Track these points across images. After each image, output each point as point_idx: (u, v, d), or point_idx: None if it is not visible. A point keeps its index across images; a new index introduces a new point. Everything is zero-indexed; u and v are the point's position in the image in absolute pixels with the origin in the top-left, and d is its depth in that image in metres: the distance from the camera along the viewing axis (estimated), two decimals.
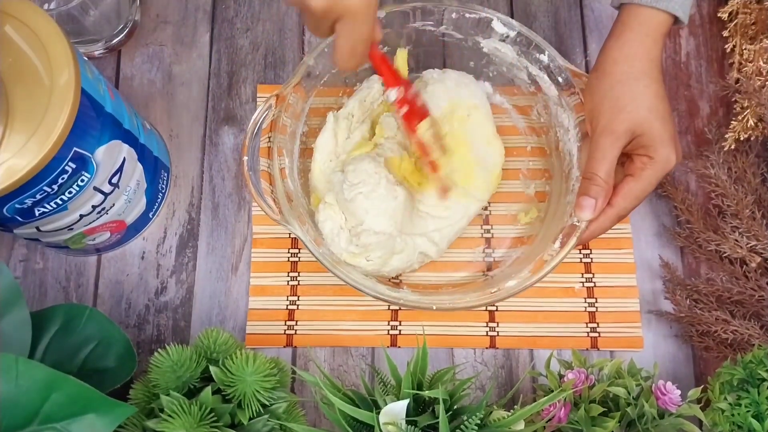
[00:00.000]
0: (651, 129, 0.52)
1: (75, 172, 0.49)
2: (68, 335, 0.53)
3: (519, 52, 0.61)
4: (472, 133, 0.62)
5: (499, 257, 0.64)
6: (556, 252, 0.55)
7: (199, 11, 0.72)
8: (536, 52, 0.60)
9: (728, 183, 0.62)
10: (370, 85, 0.64)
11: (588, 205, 0.54)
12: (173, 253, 0.65)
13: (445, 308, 0.55)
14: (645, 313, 0.63)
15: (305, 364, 0.62)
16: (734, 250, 0.60)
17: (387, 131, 0.61)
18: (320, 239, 0.57)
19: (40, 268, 0.64)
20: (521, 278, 0.55)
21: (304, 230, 0.55)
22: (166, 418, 0.45)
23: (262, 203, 0.56)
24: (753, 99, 0.62)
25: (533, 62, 0.61)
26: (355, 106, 0.63)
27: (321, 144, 0.62)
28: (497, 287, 0.56)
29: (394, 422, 0.45)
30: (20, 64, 0.46)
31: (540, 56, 0.60)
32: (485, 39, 0.62)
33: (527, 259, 0.59)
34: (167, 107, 0.69)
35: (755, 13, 0.66)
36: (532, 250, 0.61)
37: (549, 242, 0.56)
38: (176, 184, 0.67)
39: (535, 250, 0.60)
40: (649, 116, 0.52)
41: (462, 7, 0.60)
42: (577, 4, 0.72)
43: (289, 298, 0.63)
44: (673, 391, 0.51)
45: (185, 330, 0.63)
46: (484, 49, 0.63)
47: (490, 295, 0.55)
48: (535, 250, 0.59)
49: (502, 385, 0.61)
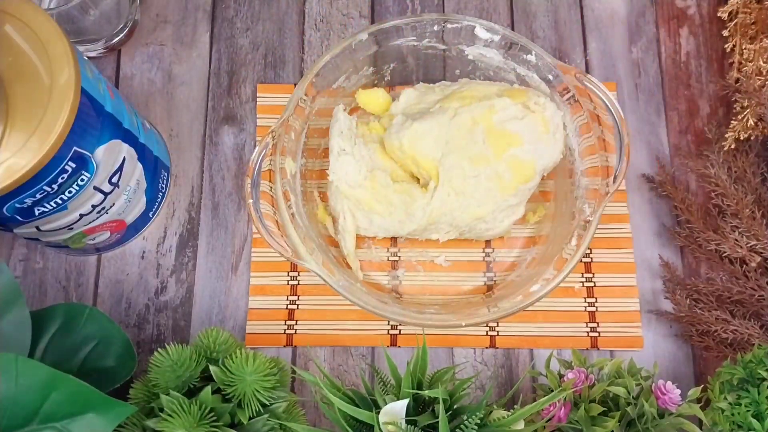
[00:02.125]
0: None
1: (75, 171, 0.49)
2: (68, 335, 0.53)
3: (505, 54, 0.61)
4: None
5: (514, 258, 0.64)
6: (574, 249, 0.55)
7: (199, 11, 0.72)
8: (523, 53, 0.60)
9: (728, 183, 0.62)
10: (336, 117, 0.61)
11: None
12: (173, 252, 0.65)
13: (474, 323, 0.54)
14: (645, 312, 0.63)
15: (305, 364, 0.62)
16: (734, 249, 0.60)
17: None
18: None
19: (40, 267, 0.64)
20: (545, 279, 0.54)
21: (320, 265, 0.54)
22: (166, 417, 0.45)
23: (276, 246, 0.54)
24: (753, 98, 0.62)
25: (521, 63, 0.61)
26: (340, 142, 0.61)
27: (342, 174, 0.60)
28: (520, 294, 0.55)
29: (394, 422, 0.45)
30: (20, 64, 0.46)
31: (527, 56, 0.60)
32: (469, 47, 0.62)
33: (544, 260, 0.58)
34: (167, 107, 0.69)
35: (755, 13, 0.66)
36: (547, 250, 0.60)
37: (564, 240, 0.56)
38: (176, 183, 0.67)
39: (550, 249, 0.60)
40: None
41: (442, 18, 0.60)
42: (577, 3, 0.72)
43: (289, 297, 0.63)
44: (673, 390, 0.51)
45: (185, 329, 0.63)
46: (469, 57, 0.63)
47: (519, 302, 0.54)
48: (551, 250, 0.59)
49: (502, 385, 0.61)
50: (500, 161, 0.58)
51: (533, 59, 0.60)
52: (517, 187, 0.59)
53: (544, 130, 0.59)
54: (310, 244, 0.56)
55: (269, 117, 0.68)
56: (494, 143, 0.58)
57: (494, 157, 0.58)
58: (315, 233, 0.60)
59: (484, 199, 0.59)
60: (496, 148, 0.58)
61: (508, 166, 0.58)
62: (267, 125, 0.68)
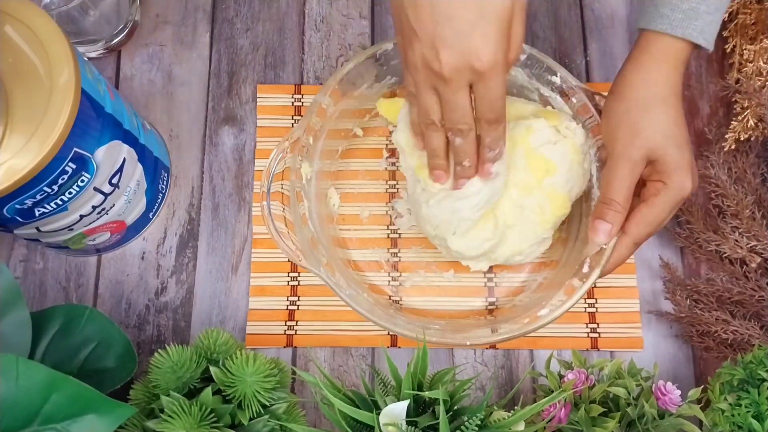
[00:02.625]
0: (665, 155, 0.51)
1: (75, 172, 0.49)
2: (68, 335, 0.53)
3: (530, 74, 0.60)
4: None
5: (521, 282, 0.63)
6: (587, 275, 0.53)
7: (199, 11, 0.72)
8: (548, 74, 0.59)
9: (728, 183, 0.62)
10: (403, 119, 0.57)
11: (603, 230, 0.52)
12: (173, 253, 0.65)
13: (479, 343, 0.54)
14: (645, 313, 0.63)
15: (305, 365, 0.62)
16: (734, 250, 0.60)
17: None
18: None
19: (40, 268, 0.64)
20: (553, 305, 0.53)
21: (328, 274, 0.54)
22: (167, 418, 0.45)
23: (286, 248, 0.54)
24: (753, 99, 0.62)
25: (545, 84, 0.60)
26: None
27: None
28: (527, 317, 0.54)
29: (394, 423, 0.44)
30: (20, 65, 0.46)
31: (552, 78, 0.59)
32: None
33: (552, 285, 0.57)
34: (167, 107, 0.69)
35: (755, 13, 0.66)
36: (557, 275, 0.59)
37: (575, 266, 0.55)
38: (176, 184, 0.67)
39: (560, 274, 0.58)
40: (665, 142, 0.51)
41: None
42: (577, 4, 0.72)
43: (289, 298, 0.63)
44: (673, 391, 0.51)
45: (185, 330, 0.63)
46: None
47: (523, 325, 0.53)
48: (561, 275, 0.57)
49: (503, 386, 0.61)
50: (541, 190, 0.56)
51: (558, 81, 0.59)
52: (555, 220, 0.57)
53: (575, 158, 0.57)
54: (320, 248, 0.55)
55: (269, 118, 0.68)
56: (534, 169, 0.56)
57: (536, 186, 0.56)
58: (325, 237, 0.60)
59: (526, 233, 0.57)
60: (536, 175, 0.56)
61: (547, 196, 0.56)
62: (267, 126, 0.68)
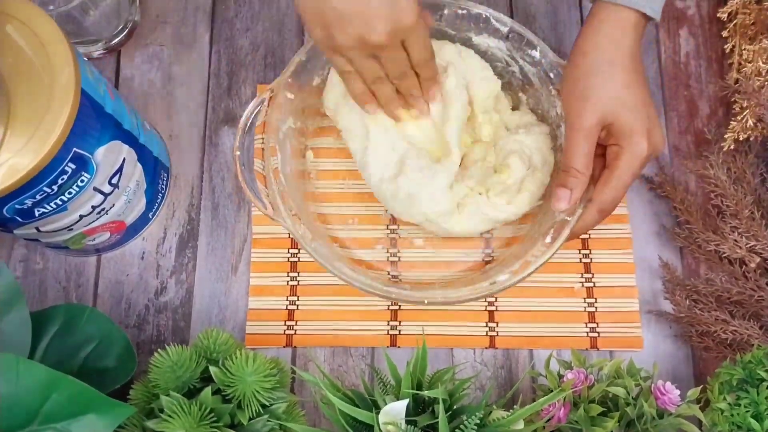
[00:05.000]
0: (618, 119, 0.51)
1: (75, 172, 0.49)
2: (68, 335, 0.53)
3: (511, 48, 0.62)
4: None
5: (496, 255, 0.64)
6: (547, 247, 0.55)
7: (198, 11, 0.72)
8: (528, 48, 0.61)
9: (728, 183, 0.62)
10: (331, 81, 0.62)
11: (563, 196, 0.53)
12: (173, 253, 0.65)
13: (437, 302, 0.56)
14: (644, 313, 0.63)
15: (305, 364, 0.62)
16: (733, 250, 0.60)
17: None
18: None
19: (40, 268, 0.64)
20: (510, 273, 0.55)
21: (297, 227, 0.56)
22: (166, 418, 0.45)
23: (255, 200, 0.57)
24: (752, 99, 0.62)
25: (525, 58, 0.62)
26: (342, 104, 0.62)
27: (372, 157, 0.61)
28: (489, 281, 0.56)
29: (393, 422, 0.45)
30: (20, 65, 0.46)
31: (532, 52, 0.61)
32: (477, 35, 0.62)
33: (517, 255, 0.59)
34: (167, 107, 0.69)
35: (755, 14, 0.66)
36: (523, 247, 0.60)
37: (540, 238, 0.57)
38: (176, 184, 0.67)
39: (526, 246, 0.60)
40: (615, 106, 0.51)
41: (455, 3, 0.61)
42: (576, 4, 0.72)
43: (289, 298, 0.63)
44: (672, 391, 0.51)
45: (185, 330, 0.63)
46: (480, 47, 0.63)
47: (483, 289, 0.55)
48: (526, 247, 0.59)
49: (502, 385, 0.61)
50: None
51: (537, 55, 0.61)
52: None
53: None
54: (289, 203, 0.57)
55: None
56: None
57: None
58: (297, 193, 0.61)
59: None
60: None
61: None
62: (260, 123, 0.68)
